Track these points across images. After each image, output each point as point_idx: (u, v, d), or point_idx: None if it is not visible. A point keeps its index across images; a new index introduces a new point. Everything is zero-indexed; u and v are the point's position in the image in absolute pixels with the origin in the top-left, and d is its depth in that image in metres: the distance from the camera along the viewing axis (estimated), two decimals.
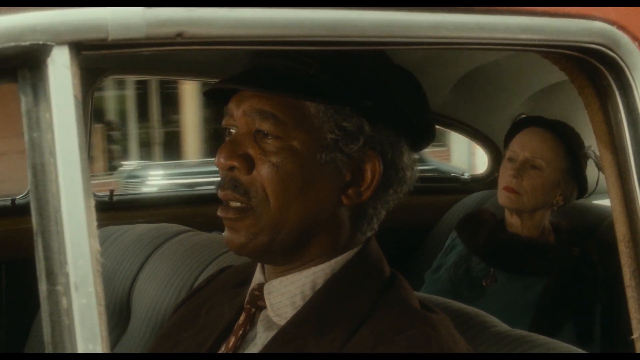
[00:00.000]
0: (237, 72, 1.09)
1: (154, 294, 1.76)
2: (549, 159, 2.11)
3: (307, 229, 1.05)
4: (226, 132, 1.10)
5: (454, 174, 3.18)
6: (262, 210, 1.03)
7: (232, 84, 1.08)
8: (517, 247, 2.13)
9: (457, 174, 3.15)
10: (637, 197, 1.01)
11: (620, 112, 1.00)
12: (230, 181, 1.05)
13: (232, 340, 1.09)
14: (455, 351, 0.98)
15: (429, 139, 1.14)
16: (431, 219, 2.84)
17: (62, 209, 0.67)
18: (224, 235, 1.08)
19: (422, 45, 0.91)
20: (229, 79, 1.08)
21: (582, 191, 2.19)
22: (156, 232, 1.93)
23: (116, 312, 1.84)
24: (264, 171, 1.03)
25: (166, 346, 1.19)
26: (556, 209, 2.16)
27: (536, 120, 2.21)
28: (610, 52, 0.98)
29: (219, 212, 1.07)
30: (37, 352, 1.94)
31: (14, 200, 2.30)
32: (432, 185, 3.07)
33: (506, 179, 2.13)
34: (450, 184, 3.11)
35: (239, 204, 1.04)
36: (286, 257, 1.07)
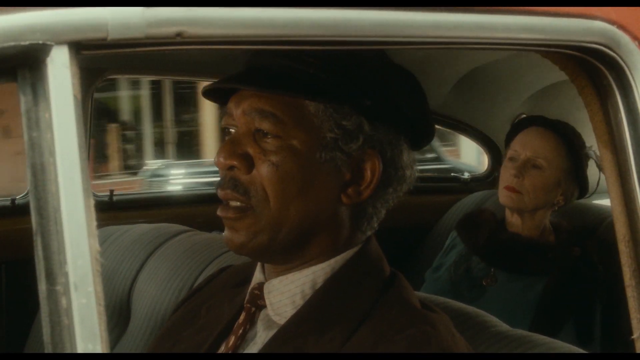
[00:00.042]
0: (237, 71, 1.10)
1: (154, 294, 1.76)
2: (551, 159, 2.11)
3: (307, 228, 1.05)
4: (226, 132, 1.10)
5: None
6: (262, 209, 1.03)
7: (232, 84, 1.08)
8: (517, 246, 2.13)
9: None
10: (637, 196, 1.01)
11: (620, 111, 1.00)
12: (230, 181, 1.05)
13: (232, 339, 1.10)
14: (455, 351, 0.98)
15: (429, 138, 1.14)
16: (431, 219, 2.84)
17: (62, 208, 0.67)
18: (224, 234, 1.08)
19: (422, 45, 0.91)
20: (228, 78, 1.08)
21: (583, 191, 2.19)
22: (156, 232, 1.93)
23: (116, 312, 1.84)
24: (263, 170, 1.03)
25: (166, 345, 1.19)
26: (557, 208, 2.16)
27: (538, 119, 2.21)
28: (610, 51, 0.98)
29: (219, 212, 1.07)
30: (37, 352, 1.94)
31: (13, 200, 2.30)
32: (432, 185, 3.07)
33: (507, 178, 2.13)
34: (450, 183, 3.11)
35: (238, 204, 1.04)
36: (286, 256, 1.07)
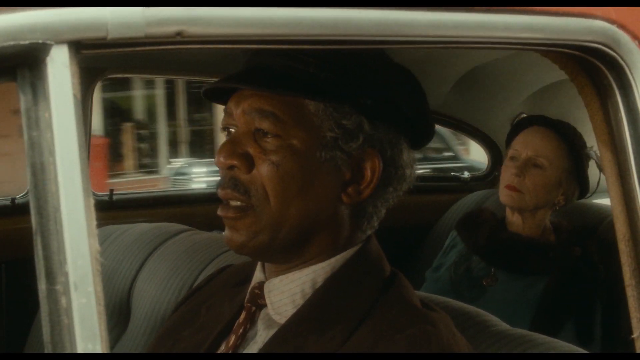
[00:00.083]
0: (236, 71, 1.09)
1: (153, 294, 1.76)
2: (552, 158, 2.11)
3: (308, 228, 1.05)
4: (226, 132, 1.10)
5: (454, 174, 3.17)
6: (262, 209, 1.03)
7: (232, 83, 1.08)
8: (517, 246, 2.13)
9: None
10: (637, 196, 1.01)
11: (620, 111, 1.00)
12: (230, 180, 1.05)
13: (233, 338, 1.10)
14: (455, 350, 0.98)
15: (428, 138, 1.14)
16: (431, 218, 2.84)
17: (62, 208, 0.67)
18: (225, 234, 1.08)
19: (422, 44, 0.91)
20: (228, 78, 1.08)
21: (584, 191, 2.19)
22: (156, 231, 1.93)
23: (116, 312, 1.84)
24: (263, 170, 1.03)
25: (166, 345, 1.19)
26: (558, 208, 2.16)
27: (539, 119, 2.21)
28: (610, 51, 0.98)
29: (219, 211, 1.07)
30: (37, 352, 1.94)
31: (13, 199, 2.30)
32: (432, 184, 3.07)
33: (508, 177, 2.13)
34: (450, 183, 3.10)
35: (239, 203, 1.04)
36: (286, 256, 1.07)
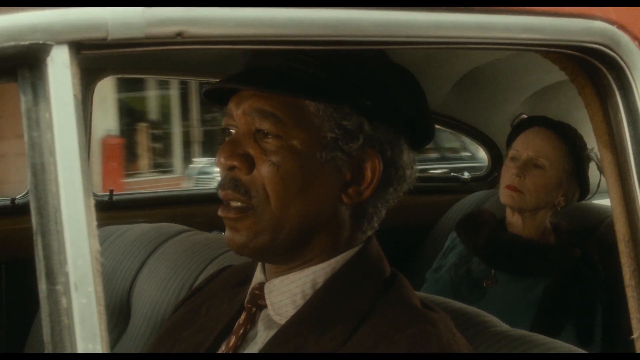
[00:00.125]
0: (237, 72, 1.09)
1: (153, 294, 1.76)
2: (552, 159, 2.11)
3: (308, 228, 1.05)
4: (226, 132, 1.10)
5: (454, 174, 3.17)
6: (262, 209, 1.03)
7: (232, 84, 1.08)
8: (517, 247, 2.13)
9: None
10: (637, 196, 1.01)
11: (620, 111, 1.00)
12: (230, 181, 1.05)
13: (233, 339, 1.10)
14: (455, 350, 0.98)
15: (428, 138, 1.14)
16: (431, 219, 2.84)
17: (62, 208, 0.67)
18: (225, 235, 1.08)
19: (422, 45, 0.91)
20: (228, 78, 1.08)
21: (584, 193, 2.19)
22: (156, 231, 1.93)
23: (116, 312, 1.84)
24: (264, 170, 1.03)
25: (165, 345, 1.19)
26: (558, 209, 2.16)
27: (540, 120, 2.21)
28: (610, 51, 0.98)
29: (220, 212, 1.07)
30: (37, 352, 1.94)
31: (13, 199, 2.30)
32: (432, 185, 3.07)
33: (509, 177, 2.13)
34: (449, 183, 3.10)
35: (239, 204, 1.05)
36: (287, 256, 1.07)
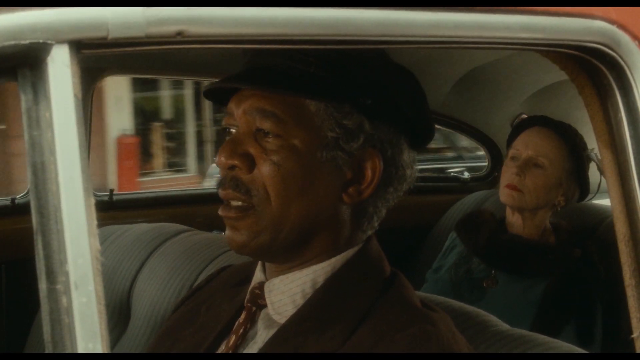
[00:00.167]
0: (237, 71, 1.10)
1: (154, 294, 1.76)
2: (552, 158, 2.11)
3: (308, 228, 1.05)
4: (226, 132, 1.10)
5: (454, 174, 3.17)
6: (263, 208, 1.03)
7: (232, 83, 1.08)
8: (517, 248, 2.13)
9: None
10: (637, 196, 1.01)
11: (620, 111, 1.00)
12: (231, 180, 1.05)
13: (233, 338, 1.10)
14: (455, 349, 0.98)
15: (428, 138, 1.14)
16: (431, 219, 2.84)
17: (62, 207, 0.67)
18: (226, 234, 1.08)
19: (422, 44, 0.91)
20: (228, 78, 1.08)
21: (584, 193, 2.19)
22: (156, 231, 1.93)
23: (116, 312, 1.84)
24: (265, 170, 1.03)
25: (165, 345, 1.19)
26: (558, 209, 2.15)
27: (540, 120, 2.21)
28: (610, 51, 0.98)
29: (220, 211, 1.07)
30: (37, 352, 1.94)
31: (13, 199, 2.30)
32: (432, 184, 3.07)
33: (509, 176, 2.13)
34: (450, 183, 3.10)
35: (240, 203, 1.05)
36: (287, 256, 1.07)
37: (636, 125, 1.00)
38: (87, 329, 0.67)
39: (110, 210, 2.43)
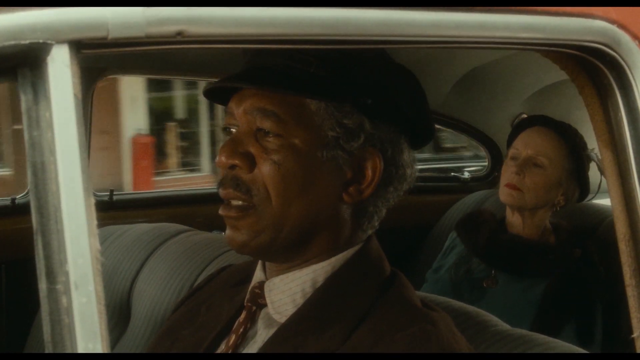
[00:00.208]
0: (238, 71, 1.10)
1: (154, 294, 1.76)
2: (552, 157, 2.11)
3: (309, 227, 1.05)
4: (227, 132, 1.10)
5: (454, 174, 3.17)
6: (264, 208, 1.03)
7: (233, 83, 1.08)
8: (517, 248, 2.13)
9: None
10: (637, 195, 1.01)
11: (620, 111, 1.00)
12: (231, 180, 1.05)
13: (233, 337, 1.10)
14: (455, 349, 0.98)
15: (428, 137, 1.15)
16: (431, 219, 2.84)
17: (62, 207, 0.67)
18: (226, 233, 1.08)
19: (422, 44, 0.91)
20: (229, 77, 1.08)
21: (584, 193, 2.19)
22: (156, 231, 1.93)
23: (116, 312, 1.84)
24: (265, 169, 1.03)
25: (165, 344, 1.19)
26: (558, 209, 2.15)
27: (540, 119, 2.22)
28: (610, 51, 0.98)
29: (221, 211, 1.07)
30: (37, 352, 1.94)
31: (13, 199, 2.30)
32: (432, 184, 3.06)
33: (508, 176, 2.13)
34: (450, 183, 3.10)
35: (240, 203, 1.05)
36: (288, 255, 1.07)
37: (636, 125, 1.00)
38: (87, 329, 0.67)
39: (110, 210, 2.43)
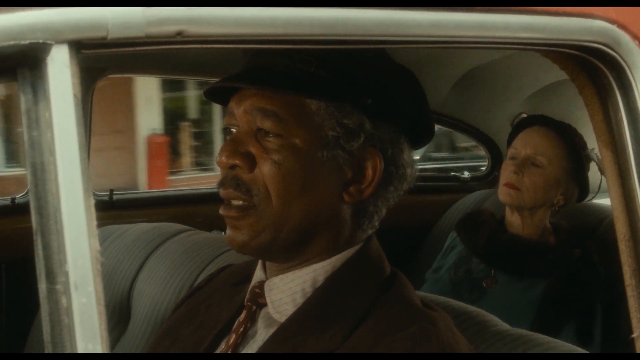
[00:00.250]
0: (238, 71, 1.10)
1: (154, 294, 1.76)
2: (551, 157, 2.11)
3: (309, 227, 1.05)
4: (227, 132, 1.10)
5: (454, 174, 3.17)
6: (264, 208, 1.04)
7: (233, 83, 1.09)
8: (517, 248, 2.12)
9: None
10: (637, 195, 1.01)
11: (620, 111, 1.00)
12: (232, 180, 1.05)
13: (233, 337, 1.10)
14: (455, 349, 0.98)
15: (428, 137, 1.15)
16: (431, 219, 2.84)
17: (62, 208, 0.67)
18: (226, 233, 1.08)
19: (422, 44, 0.91)
20: (229, 77, 1.08)
21: (583, 193, 2.19)
22: (156, 231, 1.93)
23: (116, 312, 1.84)
24: (265, 169, 1.03)
25: (165, 344, 1.19)
26: (557, 208, 2.15)
27: (539, 119, 2.21)
28: (610, 51, 0.98)
29: (221, 211, 1.07)
30: (37, 352, 1.94)
31: (13, 199, 2.30)
32: (432, 184, 3.06)
33: (507, 175, 2.13)
34: (450, 183, 3.10)
35: (241, 202, 1.05)
36: (288, 255, 1.07)
37: (636, 125, 1.00)
38: (87, 329, 0.67)
39: (110, 210, 2.43)
